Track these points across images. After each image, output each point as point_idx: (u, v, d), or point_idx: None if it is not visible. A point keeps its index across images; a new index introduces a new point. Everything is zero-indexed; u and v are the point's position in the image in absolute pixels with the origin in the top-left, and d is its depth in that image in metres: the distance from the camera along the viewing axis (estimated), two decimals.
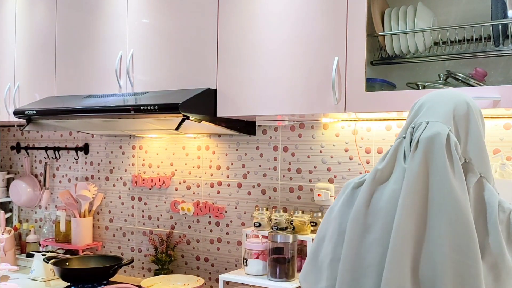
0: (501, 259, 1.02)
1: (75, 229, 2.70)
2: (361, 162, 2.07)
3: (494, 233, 1.03)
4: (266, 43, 1.91)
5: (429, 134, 1.06)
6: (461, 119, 1.10)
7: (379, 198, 1.08)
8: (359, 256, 1.08)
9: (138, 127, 2.39)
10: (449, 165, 1.03)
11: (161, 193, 2.60)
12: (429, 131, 1.06)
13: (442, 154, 1.03)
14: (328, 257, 1.15)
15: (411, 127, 1.11)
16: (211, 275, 2.44)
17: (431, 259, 1.00)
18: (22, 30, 2.64)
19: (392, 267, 1.01)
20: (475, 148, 1.09)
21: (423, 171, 1.04)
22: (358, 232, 1.09)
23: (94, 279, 2.36)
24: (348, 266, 1.09)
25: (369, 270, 1.06)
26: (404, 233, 1.01)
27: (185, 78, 2.09)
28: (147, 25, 2.21)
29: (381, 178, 1.10)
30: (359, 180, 1.16)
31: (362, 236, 1.09)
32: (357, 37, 1.72)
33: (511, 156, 1.79)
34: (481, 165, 1.08)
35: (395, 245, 1.01)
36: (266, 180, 2.29)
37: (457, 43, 1.76)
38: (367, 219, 1.09)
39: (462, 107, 1.11)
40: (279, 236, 1.97)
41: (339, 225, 1.15)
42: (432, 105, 1.12)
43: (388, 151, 1.14)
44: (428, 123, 1.08)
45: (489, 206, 1.05)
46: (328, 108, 1.77)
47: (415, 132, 1.09)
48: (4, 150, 3.24)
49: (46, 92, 2.53)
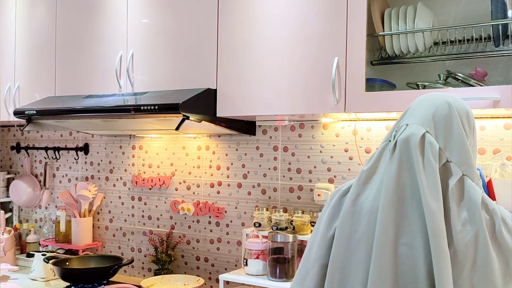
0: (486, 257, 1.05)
1: (75, 229, 2.70)
2: (361, 162, 2.07)
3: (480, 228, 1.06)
4: (266, 43, 1.91)
5: (405, 135, 1.11)
6: (441, 120, 1.14)
7: (366, 197, 1.12)
8: (348, 254, 1.11)
9: (138, 127, 2.39)
10: (421, 164, 1.07)
11: (161, 193, 2.60)
12: (405, 133, 1.11)
13: (415, 154, 1.08)
14: (317, 262, 1.17)
15: (395, 130, 1.16)
16: (211, 275, 2.44)
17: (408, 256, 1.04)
18: (22, 30, 2.65)
19: (376, 264, 1.04)
20: (457, 147, 1.12)
21: (398, 171, 1.09)
22: (347, 232, 1.12)
23: (94, 279, 2.36)
24: (337, 264, 1.12)
25: (357, 267, 1.09)
26: (386, 232, 1.05)
27: (185, 78, 2.10)
28: (147, 25, 2.21)
29: (367, 178, 1.14)
30: (346, 187, 1.19)
31: (350, 234, 1.12)
32: (357, 37, 1.72)
33: (511, 156, 1.79)
34: (463, 164, 1.11)
35: (378, 241, 1.05)
36: (266, 180, 2.30)
37: (457, 43, 1.76)
38: (353, 217, 1.12)
39: (443, 108, 1.15)
40: (279, 236, 1.97)
41: (327, 231, 1.17)
42: (415, 108, 1.17)
43: (374, 154, 1.18)
44: (407, 125, 1.13)
45: (472, 202, 1.08)
46: (328, 108, 1.78)
47: (396, 135, 1.13)
48: (4, 150, 3.24)
49: (46, 92, 2.53)
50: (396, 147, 1.11)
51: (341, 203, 1.17)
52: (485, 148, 1.84)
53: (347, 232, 1.12)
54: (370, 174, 1.14)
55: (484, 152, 1.84)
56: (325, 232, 1.18)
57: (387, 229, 1.05)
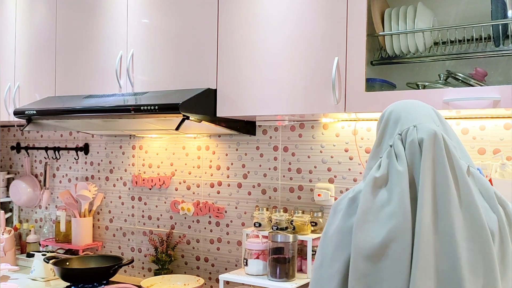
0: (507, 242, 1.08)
1: (75, 229, 2.70)
2: (361, 162, 2.07)
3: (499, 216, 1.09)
4: (266, 43, 1.91)
5: (425, 134, 1.10)
6: (441, 118, 1.18)
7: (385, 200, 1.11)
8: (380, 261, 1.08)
9: (138, 127, 2.39)
10: (452, 160, 1.09)
11: (161, 193, 2.60)
12: (422, 132, 1.11)
13: (444, 150, 1.09)
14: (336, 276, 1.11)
15: (398, 134, 1.15)
16: (211, 275, 2.44)
17: (446, 251, 1.04)
18: (22, 30, 2.65)
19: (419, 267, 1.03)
20: (456, 143, 1.16)
21: (430, 168, 1.09)
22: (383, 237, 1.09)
23: (94, 279, 2.36)
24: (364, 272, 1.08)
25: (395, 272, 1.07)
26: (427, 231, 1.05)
27: (185, 78, 2.10)
28: (147, 25, 2.21)
29: (381, 183, 1.14)
30: (352, 194, 1.17)
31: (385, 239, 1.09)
32: (357, 37, 1.72)
33: (511, 156, 1.79)
34: (464, 157, 1.15)
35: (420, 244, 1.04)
36: (266, 180, 2.30)
37: (457, 43, 1.76)
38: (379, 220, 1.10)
39: (433, 108, 1.21)
40: (279, 236, 1.97)
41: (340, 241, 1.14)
42: (408, 113, 1.17)
43: (379, 161, 1.17)
44: (416, 126, 1.13)
45: (487, 190, 1.12)
46: (328, 108, 1.78)
47: (407, 137, 1.13)
48: (4, 150, 3.24)
49: (46, 92, 2.53)
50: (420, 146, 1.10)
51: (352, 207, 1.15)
52: (485, 148, 1.84)
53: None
54: (382, 180, 1.13)
55: (484, 152, 1.84)
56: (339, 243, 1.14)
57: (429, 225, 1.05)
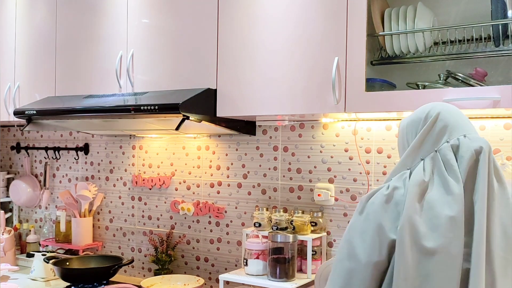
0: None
1: (75, 229, 2.70)
2: (361, 162, 2.07)
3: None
4: (266, 43, 1.91)
5: (477, 146, 1.18)
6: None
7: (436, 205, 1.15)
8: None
9: (138, 127, 2.39)
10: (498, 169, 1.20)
11: (161, 193, 2.60)
12: (476, 143, 1.19)
13: (494, 160, 1.19)
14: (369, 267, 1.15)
15: (446, 141, 1.21)
16: (211, 275, 2.44)
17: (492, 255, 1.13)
18: (22, 30, 2.65)
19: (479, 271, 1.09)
20: None
21: (489, 177, 1.16)
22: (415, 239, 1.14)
23: (94, 279, 2.36)
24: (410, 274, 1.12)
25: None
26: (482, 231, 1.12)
27: (185, 78, 2.10)
28: (147, 25, 2.21)
29: (426, 188, 1.19)
30: (387, 192, 1.20)
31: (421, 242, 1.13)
32: (357, 37, 1.72)
33: (511, 156, 1.79)
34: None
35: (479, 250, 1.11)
36: (266, 180, 2.30)
37: (457, 43, 1.76)
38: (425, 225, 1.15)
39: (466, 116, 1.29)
40: (279, 236, 1.97)
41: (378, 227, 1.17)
42: (456, 121, 1.24)
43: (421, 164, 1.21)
44: (466, 136, 1.21)
45: None
46: (328, 108, 1.78)
47: (459, 147, 1.19)
48: (4, 150, 3.24)
49: (46, 92, 2.53)
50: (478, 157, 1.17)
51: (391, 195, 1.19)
52: None
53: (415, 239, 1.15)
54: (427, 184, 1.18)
55: None
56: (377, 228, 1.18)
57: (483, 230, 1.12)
